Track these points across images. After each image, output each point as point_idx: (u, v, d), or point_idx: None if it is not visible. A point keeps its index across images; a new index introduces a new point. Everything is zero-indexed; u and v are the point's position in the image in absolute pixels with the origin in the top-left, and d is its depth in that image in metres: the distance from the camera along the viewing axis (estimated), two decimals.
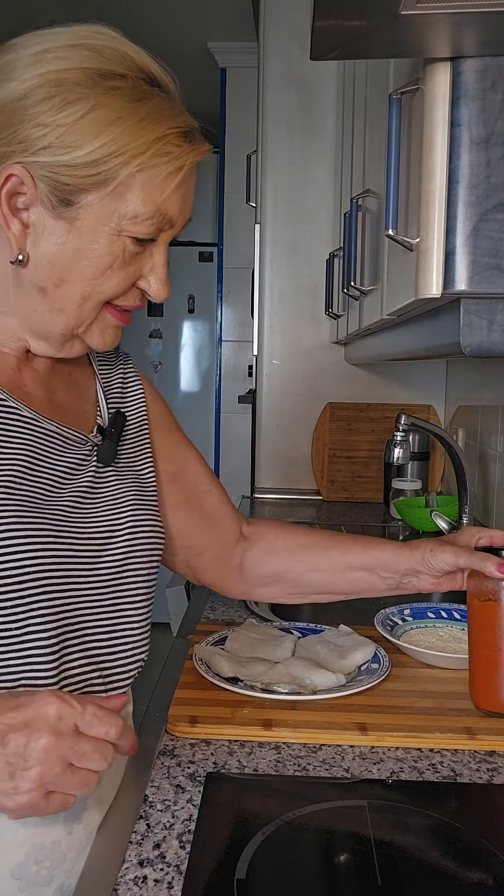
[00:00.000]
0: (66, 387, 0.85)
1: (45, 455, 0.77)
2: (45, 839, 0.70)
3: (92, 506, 0.80)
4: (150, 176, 0.70)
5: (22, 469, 0.74)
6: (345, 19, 0.71)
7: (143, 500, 0.85)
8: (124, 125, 0.69)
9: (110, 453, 0.84)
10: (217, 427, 3.83)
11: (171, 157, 0.71)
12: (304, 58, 2.26)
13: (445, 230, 0.79)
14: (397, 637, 1.10)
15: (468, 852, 0.69)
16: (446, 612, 1.21)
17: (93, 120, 0.68)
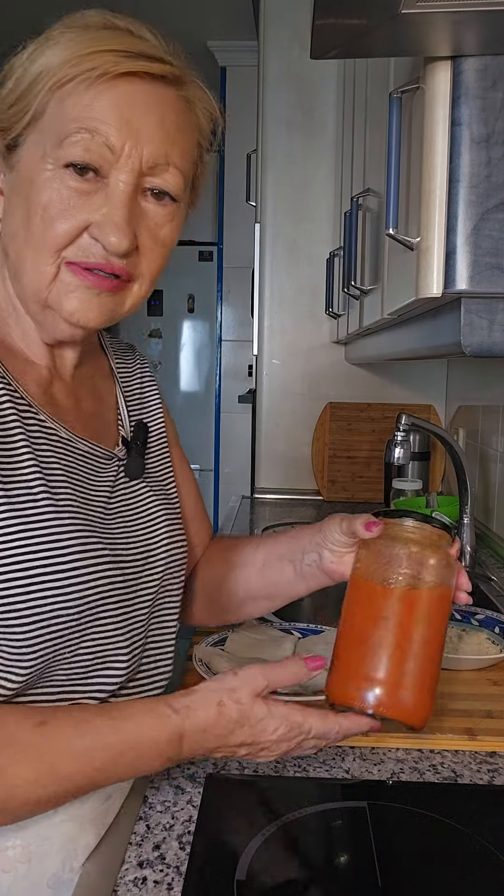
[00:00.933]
0: (91, 395, 0.82)
1: (86, 478, 0.75)
2: (78, 844, 0.70)
3: (130, 524, 0.78)
4: (66, 91, 0.65)
5: (76, 495, 0.71)
6: (345, 18, 0.71)
7: (172, 514, 0.83)
8: (51, 53, 0.66)
9: (139, 468, 0.81)
10: (217, 427, 3.83)
11: (90, 65, 0.65)
12: (304, 57, 2.25)
13: (446, 229, 0.78)
14: None
15: (469, 853, 0.69)
16: None
17: (28, 57, 0.67)
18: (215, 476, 3.83)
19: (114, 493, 0.78)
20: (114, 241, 0.66)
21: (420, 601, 0.69)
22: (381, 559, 0.71)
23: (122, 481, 0.80)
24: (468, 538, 1.59)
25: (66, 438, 0.73)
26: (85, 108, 0.65)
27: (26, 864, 0.68)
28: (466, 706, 0.93)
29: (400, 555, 0.71)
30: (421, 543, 0.71)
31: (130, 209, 0.68)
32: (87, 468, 0.75)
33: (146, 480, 0.83)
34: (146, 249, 0.71)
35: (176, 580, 0.81)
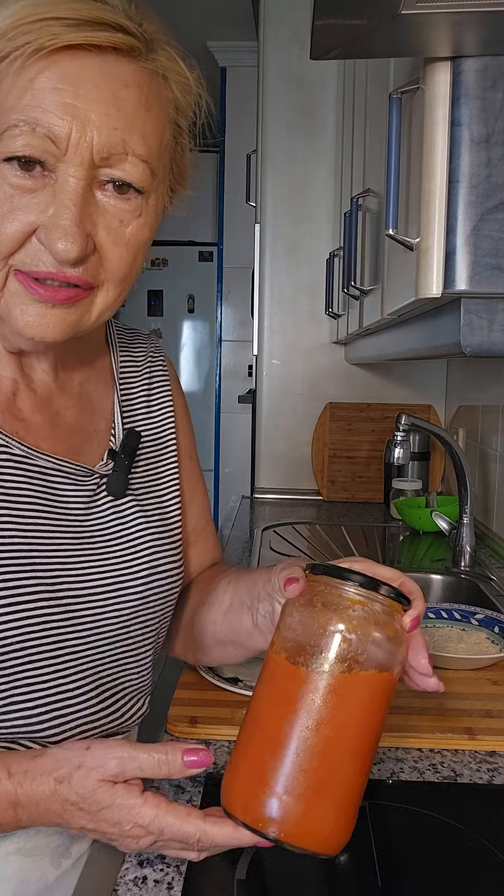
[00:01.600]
0: (77, 403, 0.74)
1: (43, 498, 0.67)
2: (31, 874, 0.66)
3: (104, 549, 0.70)
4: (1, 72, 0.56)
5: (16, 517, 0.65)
6: (345, 18, 0.71)
7: (163, 537, 0.75)
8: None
9: (120, 485, 0.72)
10: (217, 427, 3.84)
11: (25, 40, 0.54)
12: (304, 57, 2.25)
13: (446, 230, 0.78)
14: None
15: (468, 853, 0.69)
16: (447, 612, 1.21)
17: None
18: (215, 476, 3.83)
19: (84, 514, 0.70)
20: (61, 248, 0.57)
21: (347, 691, 0.54)
22: (301, 631, 0.56)
23: (105, 499, 0.72)
24: (468, 538, 1.59)
25: (20, 455, 0.66)
26: (22, 92, 0.55)
27: None
28: (466, 706, 0.93)
29: (325, 628, 0.54)
30: (357, 617, 0.55)
31: (82, 208, 0.58)
32: (46, 487, 0.68)
33: (136, 498, 0.74)
34: (108, 251, 0.61)
35: (154, 611, 0.73)
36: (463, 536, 1.60)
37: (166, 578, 0.74)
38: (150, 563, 0.73)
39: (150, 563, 0.73)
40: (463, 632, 1.16)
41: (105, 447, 0.74)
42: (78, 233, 0.57)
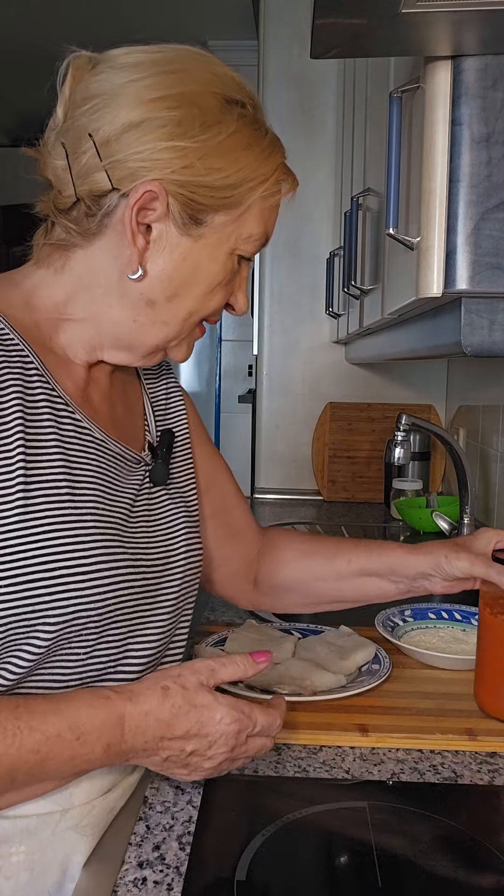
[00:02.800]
0: (122, 400, 0.84)
1: (115, 479, 0.76)
2: (80, 857, 0.71)
3: (150, 530, 0.79)
4: (269, 203, 0.76)
5: (101, 495, 0.72)
6: (345, 17, 0.70)
7: (192, 523, 0.85)
8: (254, 152, 0.72)
9: (164, 474, 0.82)
10: (217, 427, 3.83)
11: (283, 185, 0.76)
12: (305, 56, 2.25)
13: (446, 229, 0.78)
14: (398, 638, 1.10)
15: (469, 854, 0.69)
16: (447, 612, 1.21)
17: (232, 146, 0.71)
18: None
19: (138, 498, 0.79)
20: (244, 310, 0.81)
21: None
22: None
23: (146, 486, 0.81)
24: None
25: (99, 439, 0.75)
26: (270, 218, 0.77)
27: (28, 873, 0.69)
28: (466, 706, 0.93)
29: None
30: None
31: None
32: (117, 470, 0.76)
33: (167, 488, 0.83)
34: None
35: (193, 589, 0.83)
36: None
37: (199, 560, 0.84)
38: (187, 545, 0.82)
39: (187, 545, 0.82)
40: (463, 632, 1.15)
41: (142, 440, 0.84)
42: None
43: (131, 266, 0.71)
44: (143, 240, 0.71)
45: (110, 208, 0.70)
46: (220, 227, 0.73)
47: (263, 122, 0.76)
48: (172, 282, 0.73)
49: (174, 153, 0.68)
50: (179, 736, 0.66)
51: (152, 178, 0.68)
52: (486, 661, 0.92)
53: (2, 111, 4.02)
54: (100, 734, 0.63)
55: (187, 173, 0.69)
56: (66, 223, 0.72)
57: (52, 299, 0.74)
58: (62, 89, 0.72)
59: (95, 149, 0.68)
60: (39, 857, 0.69)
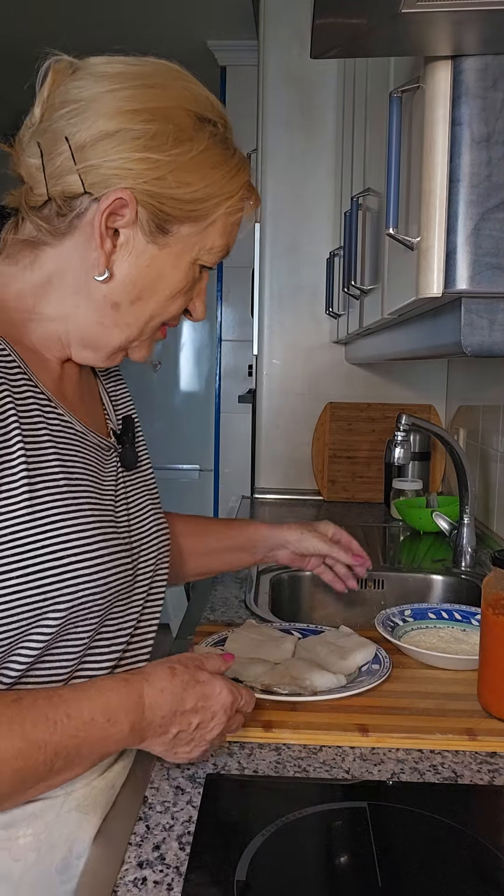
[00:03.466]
0: (87, 393, 0.88)
1: (100, 469, 0.80)
2: (85, 834, 0.75)
3: (129, 513, 0.84)
4: (233, 219, 0.79)
5: (92, 484, 0.77)
6: (345, 17, 0.71)
7: (156, 504, 0.91)
8: (223, 170, 0.76)
9: (133, 457, 0.87)
10: (217, 427, 3.83)
11: (247, 203, 0.80)
12: (305, 56, 2.25)
13: (446, 229, 0.78)
14: (398, 638, 1.10)
15: (469, 854, 0.69)
16: (447, 612, 1.21)
17: (202, 162, 0.75)
18: (215, 476, 3.82)
19: (117, 484, 0.83)
20: (203, 317, 0.84)
21: None
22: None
23: (121, 473, 0.85)
24: (469, 538, 1.59)
25: (80, 431, 0.78)
26: (232, 232, 0.81)
27: (35, 853, 0.72)
28: (466, 706, 0.93)
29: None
30: None
31: None
32: (99, 460, 0.80)
33: (134, 472, 0.89)
34: None
35: (164, 568, 0.88)
36: (463, 536, 1.59)
37: (168, 537, 0.91)
38: (157, 524, 0.88)
39: (157, 524, 0.88)
40: (463, 632, 1.15)
41: (107, 430, 0.88)
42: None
43: (98, 268, 0.74)
44: (111, 244, 0.74)
45: (81, 210, 0.73)
46: (185, 238, 0.76)
47: (232, 142, 0.80)
48: (136, 286, 0.76)
49: (147, 164, 0.72)
50: (189, 709, 0.72)
51: (124, 185, 0.72)
52: (488, 661, 0.92)
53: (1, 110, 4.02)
54: (126, 713, 0.68)
55: (158, 185, 0.73)
56: (37, 221, 0.74)
57: (22, 297, 0.77)
58: (41, 90, 0.75)
59: (71, 152, 0.71)
60: (46, 838, 0.72)
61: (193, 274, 0.79)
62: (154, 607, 0.85)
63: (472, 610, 1.21)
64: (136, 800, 0.77)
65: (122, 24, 3.13)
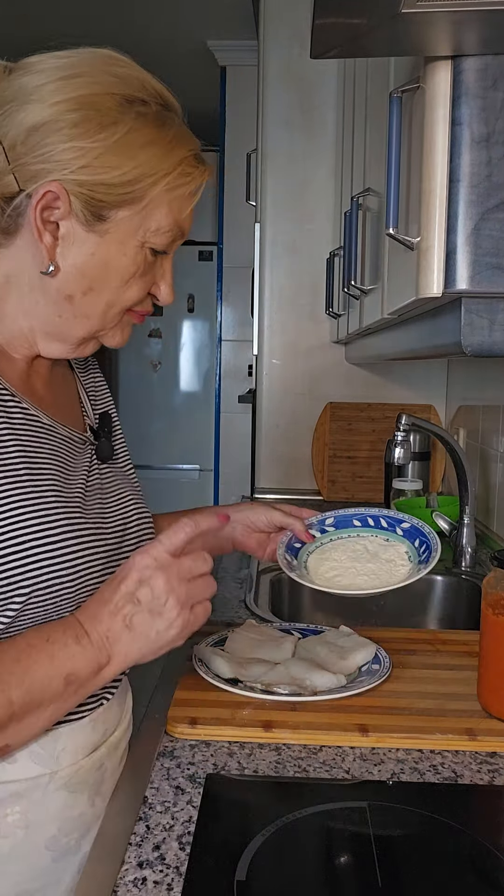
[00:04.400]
0: (62, 389, 0.89)
1: (69, 460, 0.81)
2: (73, 812, 0.77)
3: (105, 504, 0.85)
4: (175, 195, 0.77)
5: (58, 474, 0.78)
6: (345, 17, 0.70)
7: (138, 496, 0.92)
8: (154, 149, 0.75)
9: (109, 450, 0.89)
10: (217, 427, 3.83)
11: (191, 177, 0.78)
12: (305, 56, 2.24)
13: (446, 229, 0.78)
14: (309, 552, 1.06)
15: (469, 854, 0.69)
16: (373, 518, 1.11)
17: (128, 143, 0.74)
18: (215, 476, 3.83)
19: (90, 476, 0.85)
20: (169, 299, 0.83)
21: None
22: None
23: (95, 465, 0.87)
24: (469, 538, 1.59)
25: (48, 424, 0.80)
26: (180, 209, 0.79)
27: (24, 830, 0.74)
28: (466, 706, 0.93)
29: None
30: None
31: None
32: (68, 452, 0.82)
33: (111, 466, 0.90)
34: None
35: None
36: (464, 536, 1.59)
37: (150, 527, 0.92)
38: (139, 515, 0.89)
39: (139, 515, 0.89)
40: (386, 542, 1.08)
41: (83, 424, 0.90)
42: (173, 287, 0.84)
43: (44, 262, 0.75)
44: (51, 237, 0.75)
45: (21, 209, 0.75)
46: (124, 222, 0.76)
47: (172, 119, 0.78)
48: (85, 276, 0.77)
49: (73, 154, 0.72)
50: (117, 592, 0.73)
51: (52, 178, 0.73)
52: (488, 661, 0.92)
53: None
54: (64, 630, 0.71)
55: (85, 172, 0.73)
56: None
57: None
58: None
59: (4, 153, 0.73)
60: (34, 816, 0.74)
61: (144, 258, 0.78)
62: None
63: (399, 517, 1.11)
64: (136, 800, 0.77)
65: (122, 25, 3.14)
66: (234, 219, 3.57)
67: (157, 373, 4.34)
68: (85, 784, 0.80)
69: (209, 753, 0.84)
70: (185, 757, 0.84)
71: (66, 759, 0.78)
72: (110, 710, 0.85)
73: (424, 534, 1.07)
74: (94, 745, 0.82)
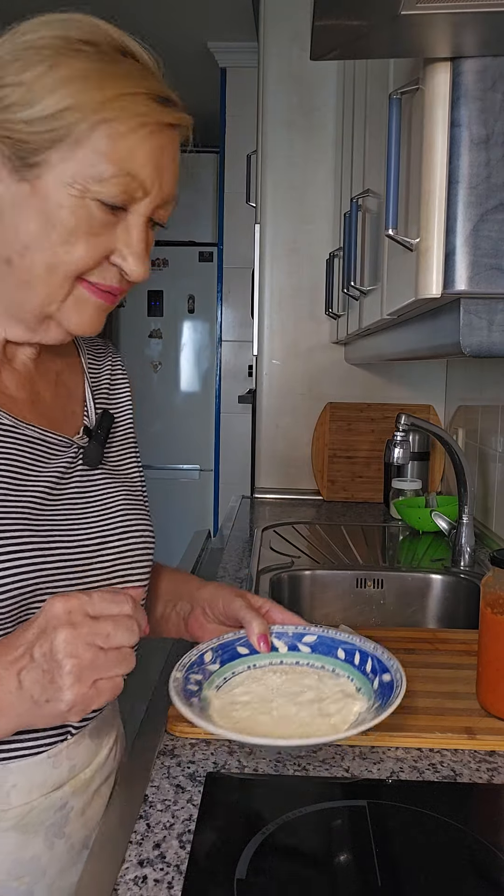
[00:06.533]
0: (54, 388, 0.84)
1: (31, 463, 0.76)
2: (24, 853, 0.71)
3: (83, 511, 0.79)
4: (111, 131, 0.67)
5: (9, 480, 0.73)
6: (345, 19, 0.71)
7: (132, 502, 0.85)
8: (85, 83, 0.66)
9: (97, 455, 0.82)
10: (217, 427, 3.84)
11: (134, 113, 0.67)
12: (304, 57, 2.25)
13: (445, 230, 0.79)
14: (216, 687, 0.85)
15: (468, 852, 0.69)
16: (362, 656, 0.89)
17: (53, 78, 0.66)
18: (215, 476, 3.83)
19: (65, 479, 0.79)
20: (137, 272, 0.72)
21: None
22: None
23: (79, 468, 0.81)
24: (468, 538, 1.60)
25: (7, 424, 0.75)
26: (128, 152, 0.68)
27: None
28: (466, 705, 0.93)
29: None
30: None
31: (146, 241, 0.73)
32: (33, 454, 0.76)
33: (106, 468, 0.85)
34: None
35: (134, 566, 0.81)
36: (462, 536, 1.60)
37: (140, 536, 0.83)
38: (124, 522, 0.82)
39: (124, 522, 0.82)
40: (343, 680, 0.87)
41: (80, 426, 0.85)
42: (147, 259, 0.73)
43: None
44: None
45: None
46: (56, 167, 0.67)
47: (127, 62, 0.70)
48: (19, 233, 0.69)
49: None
50: (22, 637, 0.63)
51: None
52: (487, 660, 0.92)
53: None
54: None
55: (7, 112, 0.66)
56: None
57: None
58: None
59: None
60: None
61: (88, 212, 0.68)
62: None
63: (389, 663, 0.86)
64: (136, 798, 0.77)
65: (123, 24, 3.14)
66: (234, 220, 3.58)
67: (158, 373, 4.34)
68: (40, 825, 0.74)
69: (209, 752, 0.84)
70: (186, 755, 0.84)
71: (18, 797, 0.72)
72: (78, 746, 0.78)
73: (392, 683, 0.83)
74: (56, 783, 0.76)
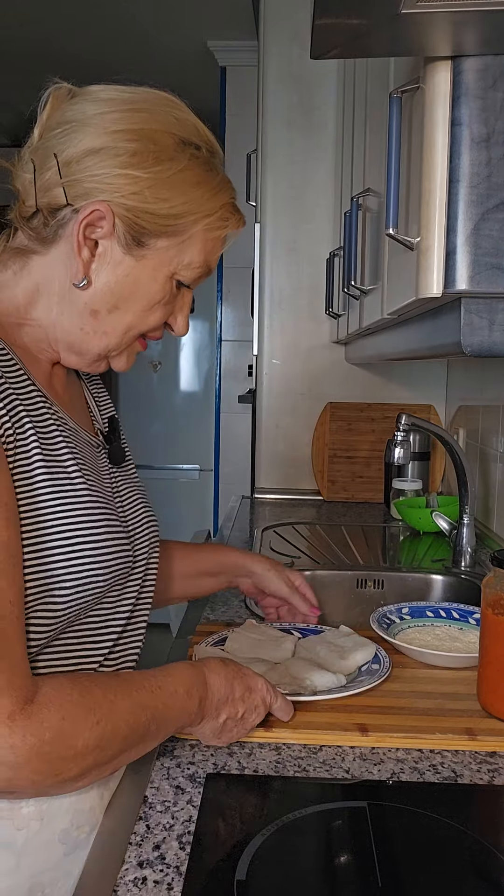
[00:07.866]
0: (76, 395, 0.93)
1: (94, 464, 0.84)
2: (84, 805, 0.78)
3: (122, 506, 0.89)
4: (211, 236, 0.83)
5: (94, 478, 0.80)
6: (345, 18, 0.71)
7: (145, 499, 0.95)
8: (202, 190, 0.81)
9: (121, 454, 0.92)
10: (217, 427, 3.83)
11: (227, 223, 0.84)
12: (305, 56, 2.25)
13: (446, 229, 0.78)
14: (393, 635, 1.10)
15: (469, 853, 0.69)
16: (445, 611, 1.21)
17: (181, 180, 0.79)
18: (215, 476, 3.82)
19: (110, 478, 0.89)
20: (184, 332, 0.89)
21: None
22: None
23: (111, 468, 0.90)
24: (468, 538, 1.59)
25: (73, 428, 0.83)
26: (213, 248, 0.84)
27: (39, 822, 0.74)
28: (466, 706, 0.93)
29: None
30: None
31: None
32: (91, 455, 0.85)
33: (120, 470, 0.93)
34: None
35: (155, 559, 0.92)
36: (463, 536, 1.60)
37: (156, 527, 0.95)
38: (147, 517, 0.93)
39: (147, 517, 0.93)
40: (460, 631, 1.16)
41: (93, 429, 0.92)
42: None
43: (78, 275, 0.79)
44: (89, 253, 0.79)
45: (63, 221, 0.79)
46: (161, 251, 0.80)
47: (217, 166, 0.84)
48: (114, 295, 0.81)
49: (126, 180, 0.77)
50: (237, 697, 0.82)
51: (102, 198, 0.77)
52: (488, 660, 0.92)
53: (3, 112, 4.02)
54: (197, 689, 0.78)
55: (135, 199, 0.78)
56: (27, 230, 0.81)
57: (13, 302, 0.82)
58: (41, 114, 0.81)
59: (58, 167, 0.77)
60: (48, 808, 0.75)
61: (171, 288, 0.83)
62: (146, 599, 0.89)
63: (470, 609, 1.21)
64: (136, 799, 0.77)
65: (123, 25, 3.14)
66: None
67: (158, 373, 4.34)
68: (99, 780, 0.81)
69: (209, 753, 0.84)
70: (186, 756, 0.84)
71: None
72: None
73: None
74: None
